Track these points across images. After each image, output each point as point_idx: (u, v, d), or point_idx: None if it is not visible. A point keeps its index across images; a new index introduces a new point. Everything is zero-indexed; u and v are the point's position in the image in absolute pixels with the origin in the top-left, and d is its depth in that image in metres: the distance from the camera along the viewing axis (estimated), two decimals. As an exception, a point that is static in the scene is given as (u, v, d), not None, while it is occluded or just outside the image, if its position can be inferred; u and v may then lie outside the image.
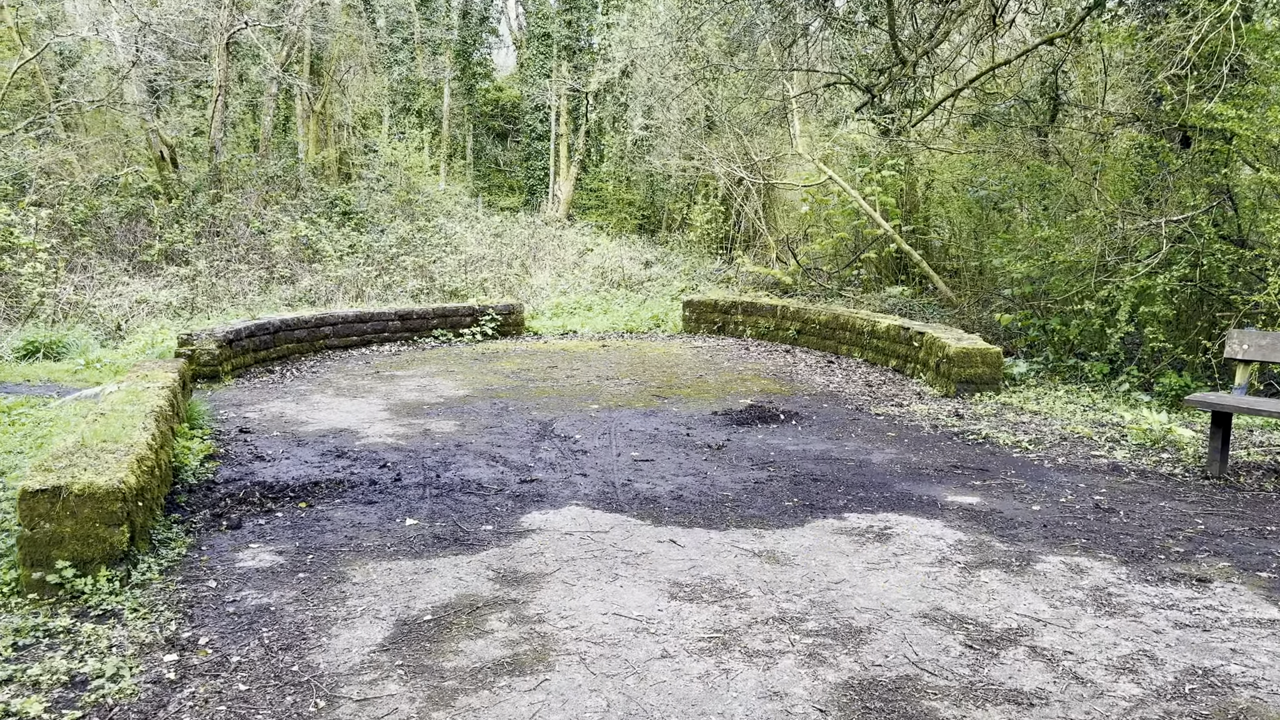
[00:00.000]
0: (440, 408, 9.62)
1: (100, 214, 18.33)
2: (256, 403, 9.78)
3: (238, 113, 30.13)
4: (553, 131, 32.15)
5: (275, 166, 24.77)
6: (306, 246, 20.94)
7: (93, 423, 6.11)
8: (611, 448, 8.01)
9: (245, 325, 11.86)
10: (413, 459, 7.55)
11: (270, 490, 6.57)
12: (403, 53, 33.55)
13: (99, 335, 13.68)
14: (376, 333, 14.36)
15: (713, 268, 22.61)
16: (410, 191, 25.47)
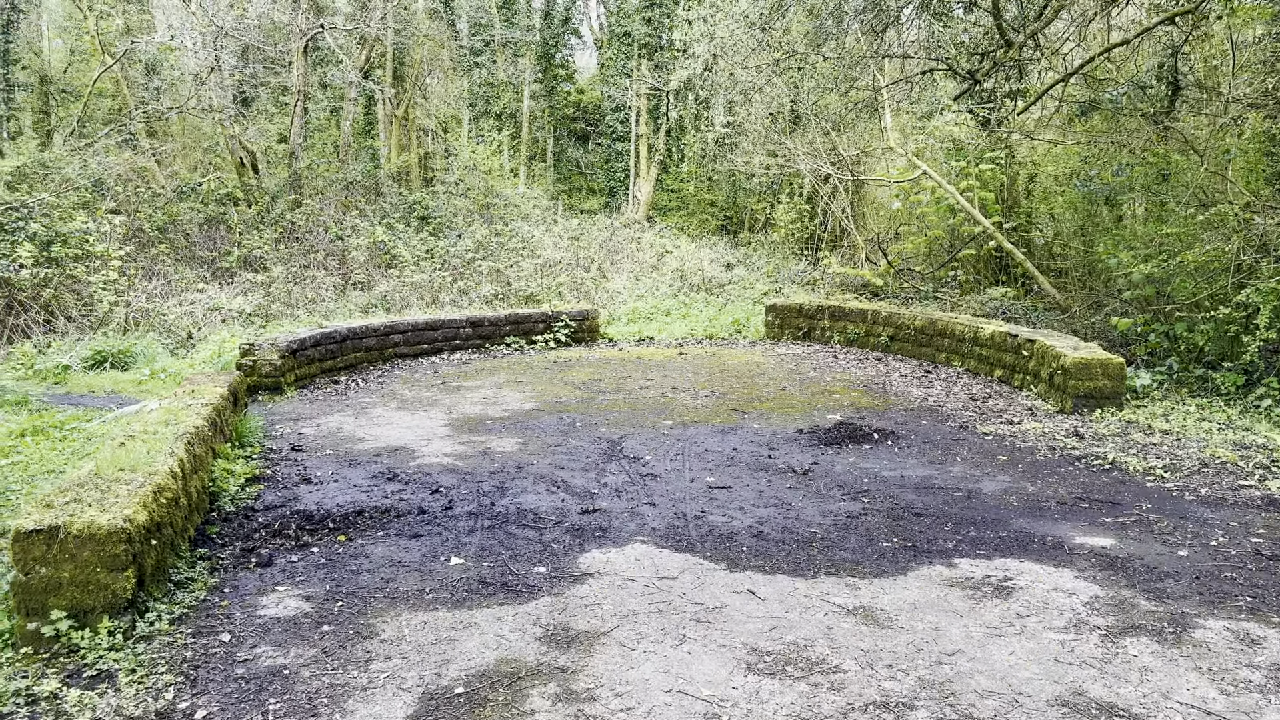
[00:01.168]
0: (504, 423, 9.00)
1: (180, 221, 18.34)
2: (315, 417, 9.31)
3: (320, 118, 30.35)
4: (633, 132, 31.54)
5: (355, 171, 24.71)
6: (384, 252, 20.72)
7: (118, 446, 5.63)
8: (684, 471, 7.25)
9: (310, 334, 11.47)
10: (468, 483, 6.91)
11: (310, 520, 6.00)
12: (484, 56, 33.41)
13: (170, 344, 13.52)
14: (447, 340, 13.88)
15: (797, 269, 21.64)
16: (488, 195, 25.13)
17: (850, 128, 21.02)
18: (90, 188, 16.32)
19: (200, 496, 6.00)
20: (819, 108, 20.72)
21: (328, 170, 24.18)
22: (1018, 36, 12.03)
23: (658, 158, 31.29)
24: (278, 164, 24.22)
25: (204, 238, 19.79)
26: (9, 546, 4.26)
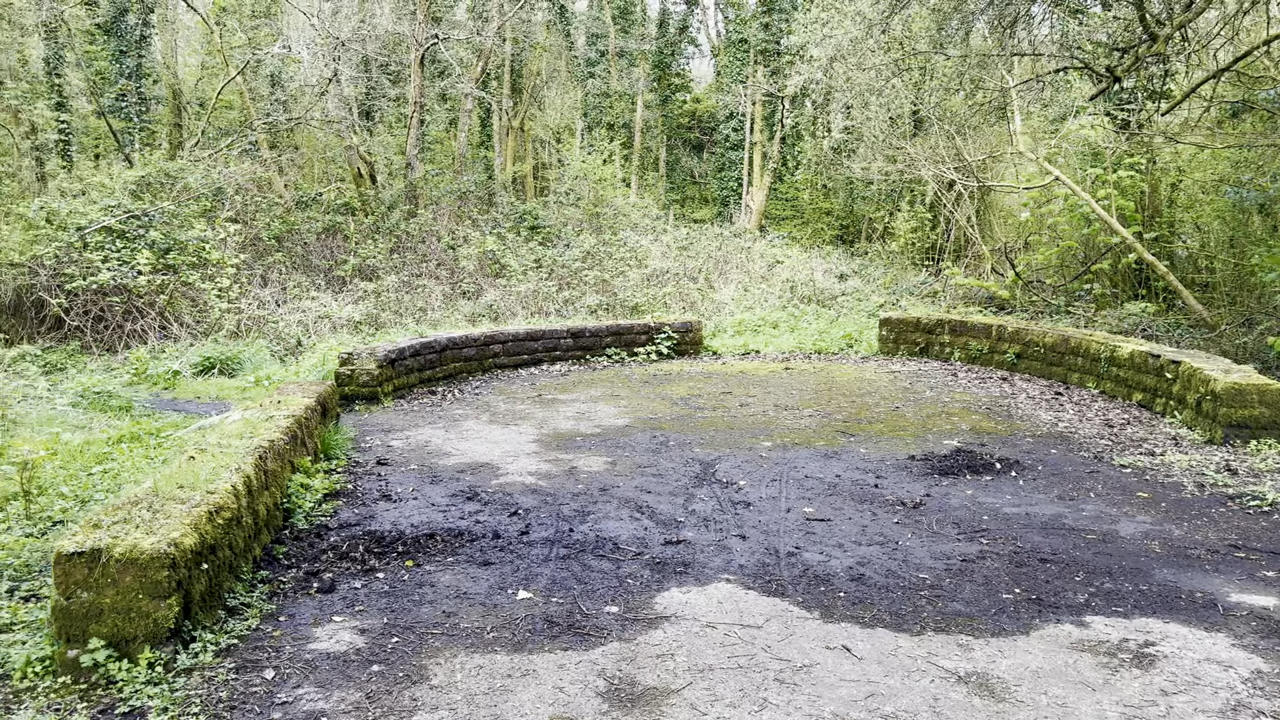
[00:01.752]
0: (594, 440, 8.61)
1: (297, 230, 18.76)
2: (406, 429, 9.13)
3: (438, 130, 30.86)
4: (747, 140, 30.95)
5: (468, 182, 24.94)
6: (493, 261, 20.77)
7: (186, 461, 5.46)
8: (780, 500, 6.69)
9: (409, 344, 11.37)
10: (548, 506, 6.53)
11: (380, 542, 5.71)
12: (599, 66, 33.43)
13: (279, 351, 13.71)
14: (547, 351, 13.64)
15: (916, 281, 20.65)
16: (598, 205, 24.97)
17: (976, 131, 19.95)
18: (211, 197, 16.81)
19: (272, 513, 5.79)
20: (942, 110, 19.74)
21: (442, 181, 24.48)
22: (1163, 29, 10.99)
23: (772, 165, 30.61)
24: (395, 175, 24.65)
25: (321, 247, 20.22)
26: (52, 568, 4.07)
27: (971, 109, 18.44)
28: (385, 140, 26.76)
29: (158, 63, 23.68)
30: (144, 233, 14.40)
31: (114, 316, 13.72)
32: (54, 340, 13.73)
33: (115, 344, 13.63)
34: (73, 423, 9.08)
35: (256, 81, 21.99)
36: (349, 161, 22.88)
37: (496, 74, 31.04)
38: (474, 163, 29.24)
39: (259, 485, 5.54)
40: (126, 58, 21.75)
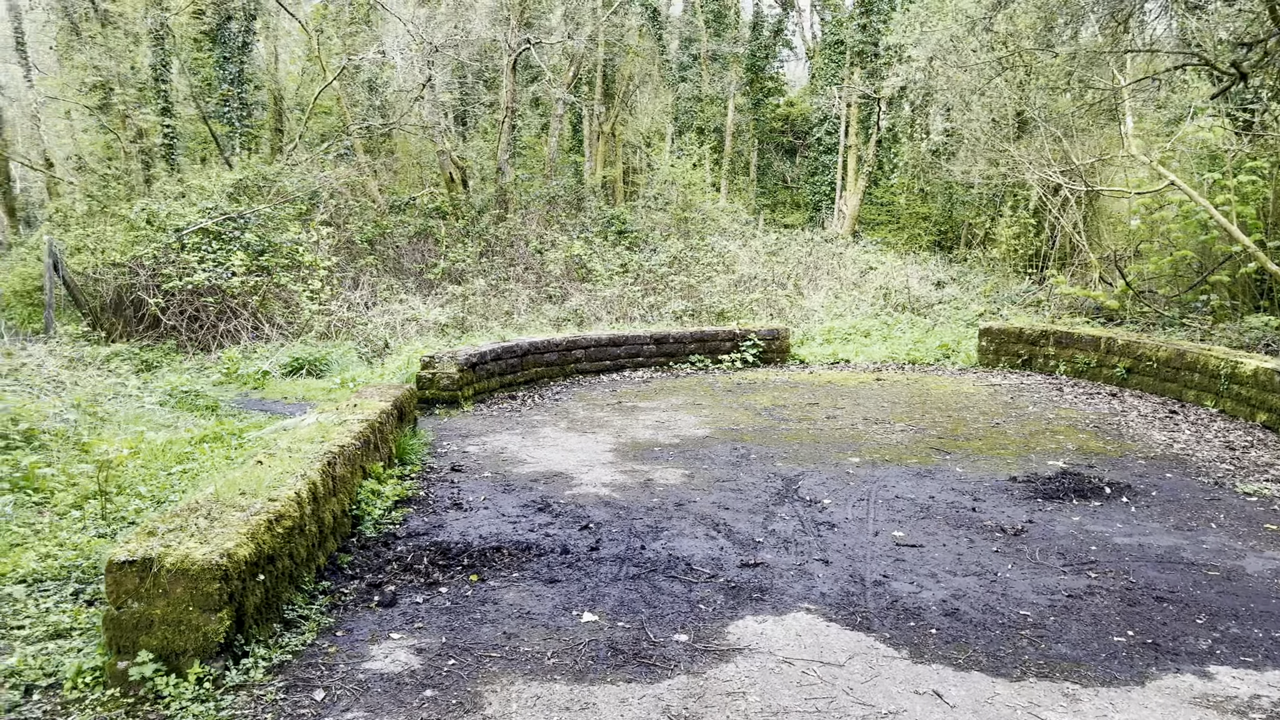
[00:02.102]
0: (672, 451, 8.32)
1: (389, 233, 18.99)
2: (483, 434, 9.00)
3: (530, 135, 31.04)
4: (841, 143, 30.27)
5: (558, 187, 24.96)
6: (579, 265, 20.69)
7: (254, 465, 5.37)
8: (868, 522, 6.28)
9: (491, 348, 11.27)
10: (621, 520, 6.27)
11: (446, 554, 5.53)
12: (691, 70, 33.18)
13: (366, 353, 13.81)
14: (630, 357, 13.41)
15: (1019, 289, 19.77)
16: (686, 209, 24.70)
17: (1084, 133, 18.99)
18: (306, 200, 17.11)
19: (340, 520, 5.67)
20: (1048, 111, 18.85)
21: (532, 185, 24.56)
22: (1298, 19, 10.15)
23: (866, 169, 29.86)
24: (486, 179, 24.84)
25: (412, 250, 20.45)
26: (104, 576, 3.97)
27: (1080, 110, 17.56)
28: (478, 145, 27.01)
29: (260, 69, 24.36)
30: (239, 235, 14.71)
31: (208, 316, 14.03)
32: (151, 338, 14.11)
33: (209, 343, 13.93)
34: (159, 421, 9.21)
35: (354, 88, 22.41)
36: (441, 166, 23.12)
37: (588, 79, 31.06)
38: (564, 167, 29.29)
39: (325, 492, 5.41)
40: (230, 64, 22.45)
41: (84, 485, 6.73)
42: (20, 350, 10.73)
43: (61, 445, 7.95)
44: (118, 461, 7.73)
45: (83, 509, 6.30)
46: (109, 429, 8.77)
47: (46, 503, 6.62)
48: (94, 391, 9.40)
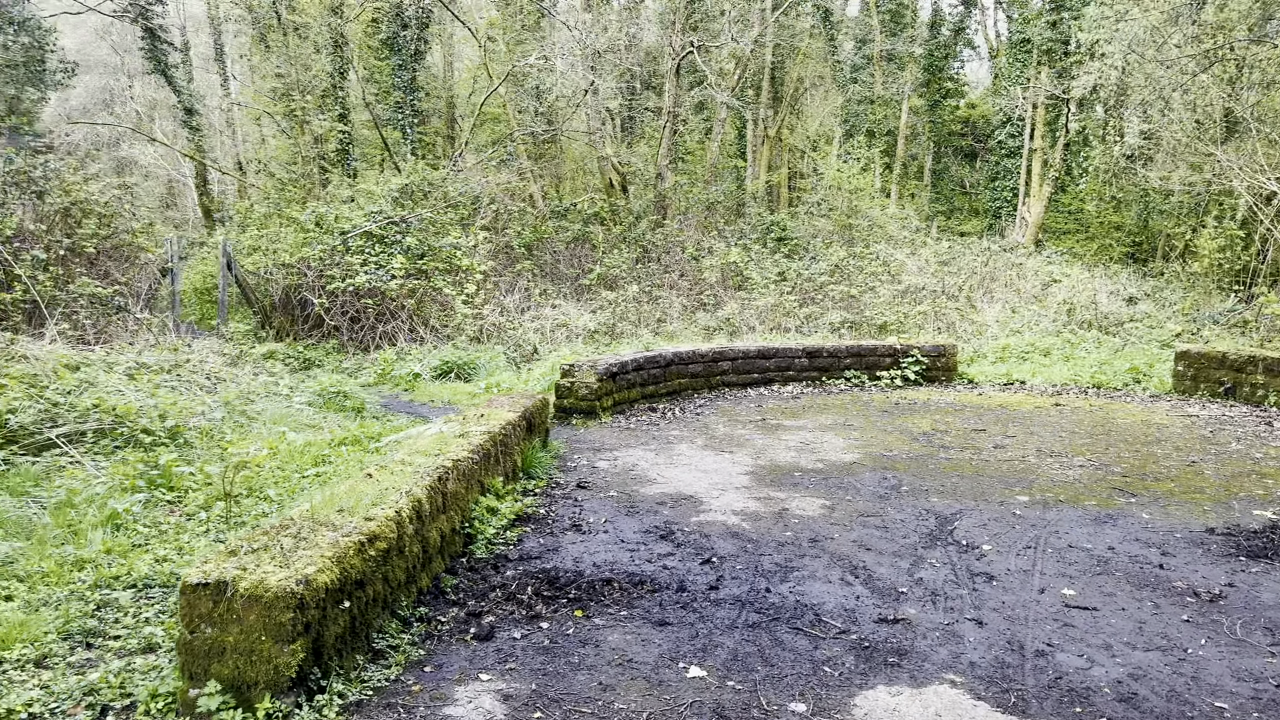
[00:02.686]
0: (814, 477, 7.69)
1: (547, 239, 19.06)
2: (616, 449, 8.64)
3: (692, 140, 30.74)
4: (1025, 146, 28.41)
5: (717, 192, 24.51)
6: (736, 273, 20.17)
7: (363, 479, 5.17)
8: (1033, 575, 5.48)
9: (633, 357, 10.93)
10: (747, 555, 5.73)
11: (553, 584, 5.16)
12: (863, 71, 32.01)
13: (515, 357, 13.78)
14: (780, 370, 12.78)
15: (1222, 308, 17.81)
16: (851, 215, 23.72)
17: (1307, 134, 16.91)
18: (468, 205, 17.37)
19: (449, 540, 5.41)
20: (1262, 110, 16.87)
21: (692, 191, 24.21)
22: None
23: (1052, 175, 27.89)
24: (646, 185, 24.69)
25: (569, 255, 20.49)
26: (179, 597, 3.80)
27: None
28: (641, 150, 26.94)
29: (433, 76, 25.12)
30: (401, 238, 15.02)
31: (368, 317, 14.38)
32: (315, 337, 14.59)
33: (369, 344, 14.27)
34: (304, 421, 9.35)
35: (521, 94, 22.74)
36: (602, 171, 23.12)
37: (754, 82, 30.47)
38: (725, 172, 28.82)
39: (432, 510, 5.15)
40: (403, 71, 23.25)
41: (218, 485, 6.77)
42: (186, 346, 11.22)
43: (205, 444, 8.13)
44: (255, 462, 7.81)
45: (208, 511, 6.32)
46: (256, 428, 8.94)
47: (179, 502, 6.71)
48: (245, 390, 9.66)
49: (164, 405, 8.20)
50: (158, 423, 7.91)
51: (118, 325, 11.42)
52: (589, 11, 21.57)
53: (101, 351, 9.83)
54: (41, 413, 7.83)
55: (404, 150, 22.28)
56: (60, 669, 4.01)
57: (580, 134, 23.20)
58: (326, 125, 20.86)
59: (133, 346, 10.71)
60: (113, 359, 9.81)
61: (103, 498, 6.32)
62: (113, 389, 8.68)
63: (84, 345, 10.24)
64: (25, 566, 5.12)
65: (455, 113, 26.62)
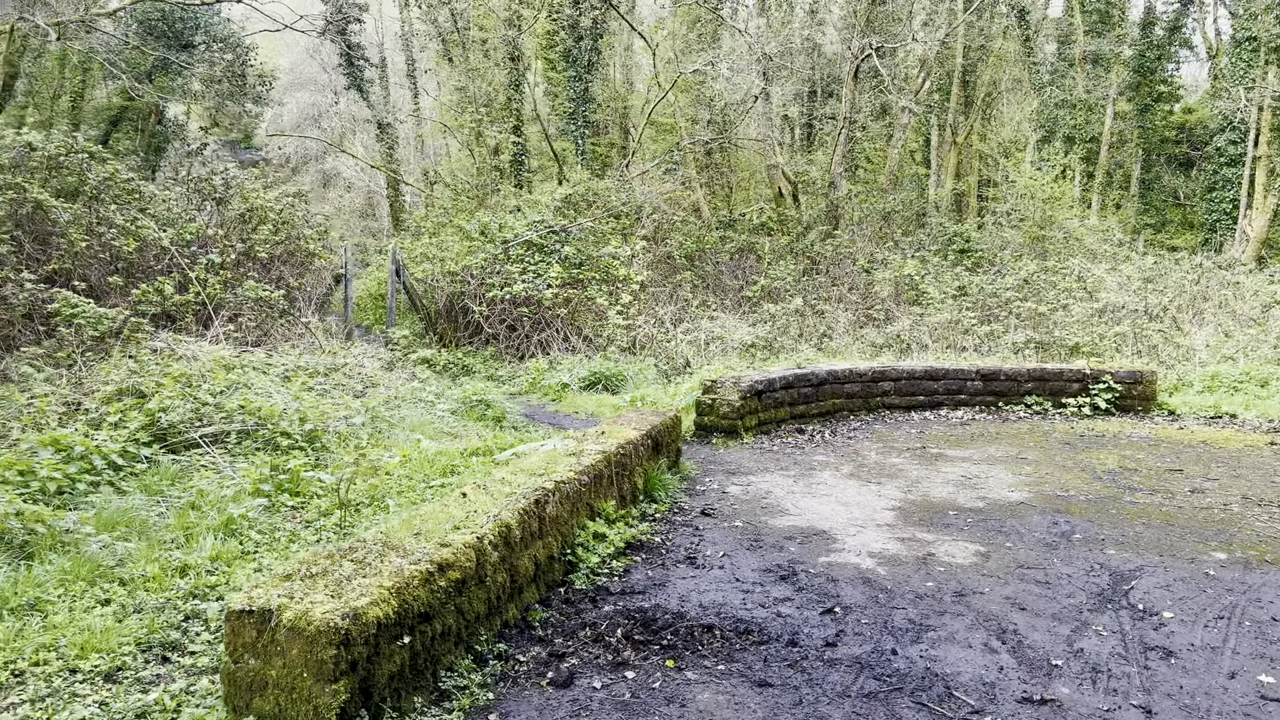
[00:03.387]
0: (970, 518, 6.85)
1: (708, 249, 18.63)
2: (752, 473, 8.08)
3: (872, 147, 29.56)
4: (1248, 154, 25.58)
5: (895, 201, 23.33)
6: (910, 287, 19.05)
7: (459, 499, 4.89)
8: (1223, 653, 4.54)
9: (781, 374, 10.32)
10: (876, 607, 5.06)
11: (648, 627, 4.69)
12: (1064, 74, 29.82)
13: (666, 370, 13.42)
14: (949, 393, 11.80)
15: None
16: (1044, 227, 21.99)
17: None
18: (630, 214, 17.19)
19: (544, 568, 5.04)
20: None
21: (867, 200, 23.17)
22: None
23: (1279, 185, 24.94)
24: (819, 194, 23.84)
25: (733, 266, 19.98)
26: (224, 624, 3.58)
27: None
28: (815, 159, 26.08)
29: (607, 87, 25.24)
30: (560, 248, 14.98)
31: (524, 326, 14.39)
32: (474, 344, 14.74)
33: (524, 352, 14.28)
34: (444, 429, 9.30)
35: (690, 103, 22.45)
36: (771, 180, 22.48)
37: (941, 85, 28.97)
38: (905, 181, 27.48)
39: (524, 536, 4.80)
40: (576, 83, 23.43)
41: (352, 494, 6.72)
42: (345, 349, 11.51)
43: (341, 449, 8.17)
44: (385, 470, 7.77)
45: (324, 520, 6.24)
46: (397, 434, 8.95)
47: (301, 509, 6.69)
48: (391, 396, 9.73)
49: (305, 409, 8.31)
50: (297, 426, 8.00)
51: (284, 327, 11.88)
52: (763, 16, 21.01)
53: (262, 353, 10.18)
54: (190, 412, 8.08)
55: (575, 161, 22.46)
56: (126, 684, 3.90)
57: (751, 142, 22.65)
58: (501, 137, 21.29)
59: (294, 349, 11.06)
60: (271, 360, 10.13)
61: (226, 501, 6.37)
62: (261, 390, 8.90)
63: (246, 346, 10.66)
64: (132, 569, 5.14)
65: (628, 123, 26.67)
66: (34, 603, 4.59)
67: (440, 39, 23.50)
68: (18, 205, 10.10)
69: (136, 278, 10.82)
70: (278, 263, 13.16)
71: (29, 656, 4.04)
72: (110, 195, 11.34)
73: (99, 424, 7.93)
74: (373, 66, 30.24)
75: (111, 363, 9.01)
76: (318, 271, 14.30)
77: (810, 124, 29.31)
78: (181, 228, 11.89)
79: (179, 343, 9.68)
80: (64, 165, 10.93)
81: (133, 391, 8.43)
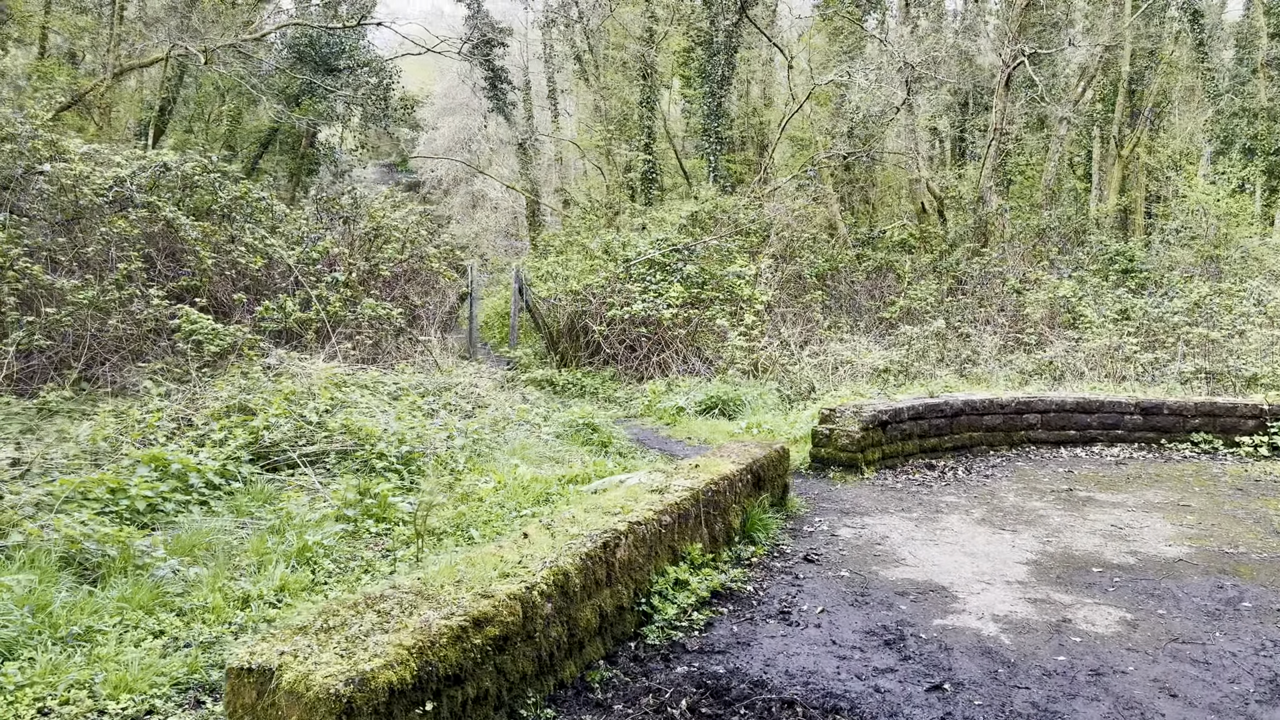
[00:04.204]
0: (1118, 576, 5.95)
1: (842, 268, 17.80)
2: (868, 513, 7.37)
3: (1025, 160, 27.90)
4: None
5: (1051, 217, 21.80)
6: (1066, 309, 17.66)
7: (519, 539, 4.49)
8: None
9: (911, 404, 9.52)
10: (995, 684, 4.33)
11: (720, 697, 4.14)
12: (1247, 81, 27.32)
13: (789, 394, 12.75)
14: (1105, 428, 10.67)
15: None
16: (1219, 246, 20.04)
17: None
18: (759, 232, 16.59)
19: (612, 620, 4.57)
20: None
21: (1019, 216, 21.74)
22: None
23: None
24: (965, 210, 22.57)
25: (869, 286, 19.07)
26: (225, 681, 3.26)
27: None
28: (965, 173, 24.76)
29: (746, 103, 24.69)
30: (682, 266, 14.54)
31: (643, 346, 14.01)
32: (594, 364, 14.46)
33: (643, 373, 13.90)
34: (546, 454, 8.97)
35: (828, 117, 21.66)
36: (914, 195, 21.41)
37: (1104, 94, 27.05)
38: (1062, 195, 25.74)
39: (586, 584, 4.34)
40: (710, 99, 22.97)
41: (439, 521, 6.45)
42: (459, 368, 11.40)
43: (438, 472, 7.95)
44: (479, 495, 7.48)
45: (400, 551, 5.97)
46: (498, 457, 8.69)
47: (386, 535, 6.46)
48: (497, 418, 9.49)
49: (403, 430, 8.14)
50: (395, 447, 7.83)
51: (405, 346, 11.90)
52: (906, 24, 20.06)
53: (375, 371, 10.16)
54: (292, 431, 8.03)
55: (706, 178, 22.02)
56: (148, 730, 3.66)
57: (893, 155, 21.64)
58: (632, 155, 21.09)
59: (409, 367, 11.02)
60: (384, 379, 10.08)
61: (309, 525, 6.19)
62: (366, 410, 8.81)
63: (361, 364, 10.69)
64: (194, 598, 4.97)
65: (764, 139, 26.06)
66: (84, 631, 4.44)
67: (577, 58, 23.57)
68: (149, 223, 10.48)
69: (262, 295, 11.06)
70: (401, 281, 13.28)
71: (60, 694, 3.86)
72: (242, 214, 11.67)
73: (204, 441, 7.97)
74: (515, 89, 30.77)
75: (224, 379, 9.12)
76: (442, 290, 14.37)
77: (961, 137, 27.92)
78: (310, 246, 12.12)
79: (296, 360, 9.75)
80: (199, 184, 11.31)
81: (241, 408, 8.47)
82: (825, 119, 21.75)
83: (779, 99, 26.63)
